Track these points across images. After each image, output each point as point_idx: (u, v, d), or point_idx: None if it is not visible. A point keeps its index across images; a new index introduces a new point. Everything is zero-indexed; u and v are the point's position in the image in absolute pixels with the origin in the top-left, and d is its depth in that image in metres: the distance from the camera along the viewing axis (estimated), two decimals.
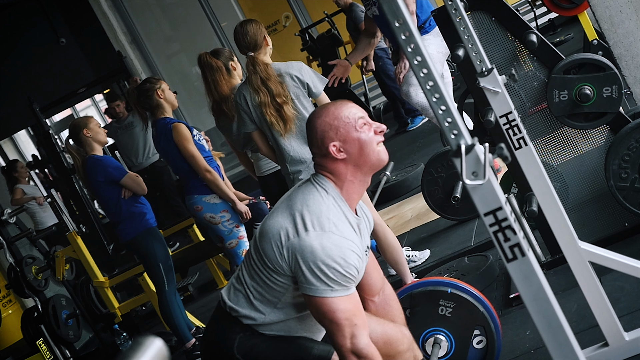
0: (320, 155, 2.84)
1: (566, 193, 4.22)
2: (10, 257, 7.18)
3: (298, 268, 2.69)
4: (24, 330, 7.18)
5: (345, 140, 2.79)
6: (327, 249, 2.66)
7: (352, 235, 2.75)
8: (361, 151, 2.80)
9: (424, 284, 3.58)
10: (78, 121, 6.08)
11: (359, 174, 2.83)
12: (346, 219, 2.78)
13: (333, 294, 2.68)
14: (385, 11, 1.98)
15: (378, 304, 3.14)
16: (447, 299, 3.47)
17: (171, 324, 6.02)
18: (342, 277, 2.68)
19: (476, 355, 3.51)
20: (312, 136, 2.85)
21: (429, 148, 8.17)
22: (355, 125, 2.80)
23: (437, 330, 3.49)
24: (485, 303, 3.47)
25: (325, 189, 2.79)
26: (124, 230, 5.97)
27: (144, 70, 13.42)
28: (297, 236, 2.69)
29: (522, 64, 4.14)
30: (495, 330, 3.47)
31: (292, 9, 13.65)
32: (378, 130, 2.84)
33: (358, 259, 2.74)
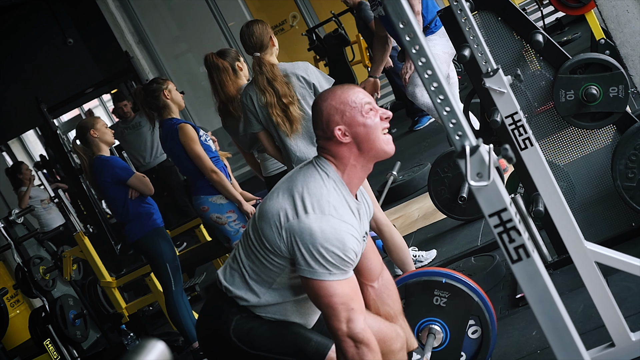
0: (324, 138, 2.83)
1: (573, 193, 4.21)
2: (18, 257, 7.18)
3: (296, 250, 2.69)
4: (32, 330, 7.20)
5: (350, 124, 2.78)
6: (326, 232, 2.66)
7: (351, 219, 2.75)
8: (366, 137, 2.79)
9: (418, 274, 3.57)
10: (85, 122, 6.09)
11: (362, 160, 2.83)
12: (346, 203, 2.77)
13: (331, 278, 2.67)
14: (390, 12, 1.99)
15: (377, 289, 3.12)
16: (442, 289, 3.46)
17: (178, 324, 6.03)
18: (341, 260, 2.68)
19: (471, 345, 3.50)
20: (318, 119, 2.84)
21: (436, 148, 8.16)
22: (361, 110, 2.79)
23: (432, 320, 3.48)
24: (480, 293, 3.45)
25: (326, 172, 2.79)
26: (131, 230, 5.98)
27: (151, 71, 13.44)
28: (297, 218, 2.69)
29: (529, 64, 4.13)
30: (490, 320, 3.45)
31: (299, 9, 13.65)
32: (384, 116, 2.83)
33: (357, 243, 2.73)
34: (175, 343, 6.69)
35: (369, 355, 2.69)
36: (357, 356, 2.69)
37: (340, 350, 2.72)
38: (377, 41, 6.06)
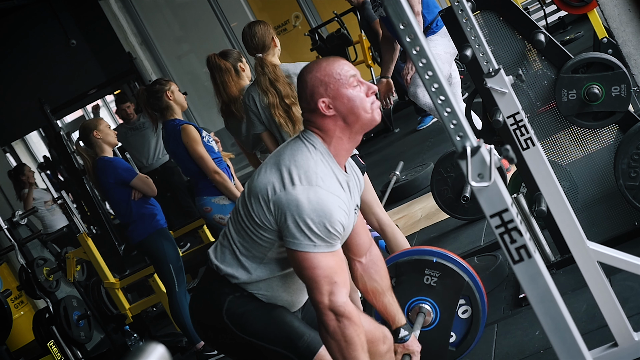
0: (309, 110, 2.82)
1: (575, 192, 4.21)
2: (22, 259, 7.19)
3: (283, 222, 2.67)
4: (36, 331, 7.20)
5: (334, 97, 2.76)
6: (313, 203, 2.64)
7: (339, 191, 2.73)
8: (351, 109, 2.77)
9: (409, 252, 3.56)
10: (88, 123, 6.11)
11: (348, 132, 2.81)
12: (334, 174, 2.76)
13: (316, 250, 2.66)
14: (390, 13, 1.99)
15: (365, 265, 3.11)
16: (433, 268, 3.44)
17: (182, 324, 6.04)
18: (327, 232, 2.66)
19: (461, 324, 3.49)
20: (302, 91, 2.83)
21: (439, 147, 8.16)
22: (346, 83, 2.77)
23: (422, 299, 3.47)
24: (471, 273, 3.44)
25: (313, 145, 2.78)
26: (134, 231, 5.99)
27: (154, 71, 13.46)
28: (284, 190, 2.68)
29: (532, 63, 4.13)
30: (480, 300, 3.44)
31: (301, 9, 13.66)
32: (370, 91, 2.81)
33: (345, 215, 2.71)
34: (179, 344, 6.69)
35: (351, 328, 2.67)
36: (339, 329, 2.66)
37: (322, 324, 2.69)
38: (385, 41, 6.07)
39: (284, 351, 2.85)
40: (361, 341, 2.69)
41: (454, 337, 3.50)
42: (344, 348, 2.67)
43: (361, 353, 2.68)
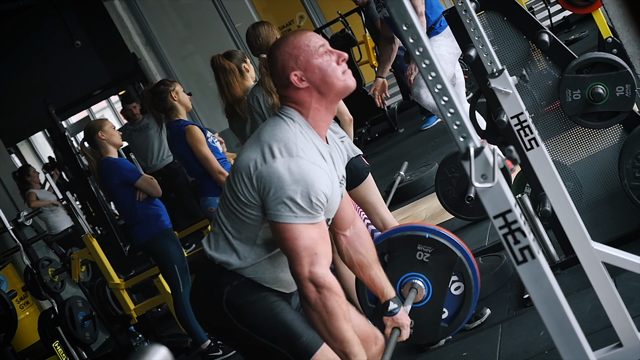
0: (282, 86, 2.81)
1: (580, 192, 4.20)
2: (27, 260, 7.21)
3: (266, 195, 2.66)
4: (41, 332, 7.22)
5: (306, 68, 2.76)
6: (294, 174, 2.64)
7: (321, 161, 2.72)
8: (323, 79, 2.76)
9: (402, 229, 3.54)
10: (93, 124, 6.12)
11: (324, 101, 2.80)
12: (314, 145, 2.75)
13: (297, 221, 2.64)
14: (393, 14, 1.99)
15: (349, 238, 3.10)
16: (425, 244, 3.43)
17: (186, 325, 6.05)
18: (309, 203, 2.64)
19: (453, 301, 3.48)
20: (273, 67, 2.82)
21: (443, 148, 8.15)
22: (315, 53, 2.77)
23: (415, 275, 3.45)
24: (464, 249, 3.43)
25: (291, 118, 2.77)
26: (139, 232, 6.00)
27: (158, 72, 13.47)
28: (265, 164, 2.67)
29: (536, 63, 4.12)
30: (473, 276, 3.43)
31: (306, 9, 13.66)
32: (340, 59, 2.80)
33: (327, 185, 2.70)
34: (184, 344, 6.70)
35: (332, 299, 2.65)
36: (320, 300, 2.64)
37: (303, 296, 2.68)
38: (384, 42, 6.08)
39: (281, 349, 2.83)
40: (343, 311, 2.67)
41: (446, 314, 3.48)
42: (326, 319, 2.65)
43: (344, 323, 2.66)
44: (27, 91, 12.67)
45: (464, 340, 4.26)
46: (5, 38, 12.84)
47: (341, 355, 2.69)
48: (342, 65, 2.80)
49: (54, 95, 11.15)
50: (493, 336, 4.10)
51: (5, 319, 7.41)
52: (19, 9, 12.24)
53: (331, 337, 2.67)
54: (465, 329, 4.34)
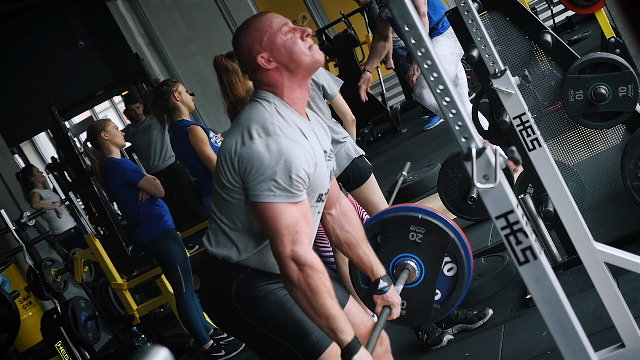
0: (251, 70, 2.80)
1: (582, 193, 4.20)
2: (30, 260, 7.22)
3: (246, 175, 2.64)
4: (44, 332, 7.23)
5: (271, 49, 2.74)
6: (273, 152, 2.61)
7: (300, 138, 2.70)
8: (290, 56, 2.74)
9: (395, 209, 3.54)
10: (96, 124, 6.12)
11: (296, 78, 2.78)
12: (293, 122, 2.73)
13: (277, 200, 2.62)
14: (395, 15, 1.99)
15: (335, 217, 3.08)
16: (418, 225, 3.41)
17: (189, 325, 6.05)
18: (289, 180, 2.61)
19: (446, 282, 3.45)
20: (240, 54, 2.80)
21: (446, 148, 8.15)
22: (278, 32, 2.75)
23: (408, 256, 3.43)
24: (457, 230, 3.41)
25: (266, 100, 2.75)
26: (142, 232, 6.00)
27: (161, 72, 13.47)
28: (244, 146, 2.65)
29: (539, 63, 4.12)
30: (466, 257, 3.41)
31: (308, 10, 13.66)
32: (304, 34, 2.79)
33: (308, 161, 2.67)
34: (187, 345, 6.71)
35: (314, 277, 2.61)
36: (303, 279, 2.61)
37: (285, 276, 2.64)
38: (377, 38, 6.12)
39: (290, 346, 2.82)
40: (327, 288, 2.64)
41: (439, 295, 3.47)
42: (310, 297, 2.62)
43: (328, 299, 2.63)
44: (30, 91, 12.68)
45: (466, 341, 4.26)
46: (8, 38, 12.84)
47: (328, 332, 2.65)
48: (307, 41, 2.79)
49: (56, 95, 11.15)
50: (495, 337, 4.11)
51: (8, 319, 7.43)
52: (22, 10, 12.25)
53: (317, 315, 2.63)
54: (468, 330, 4.35)
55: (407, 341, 4.54)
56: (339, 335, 2.64)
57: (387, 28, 6.01)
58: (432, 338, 4.36)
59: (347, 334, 2.64)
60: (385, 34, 6.03)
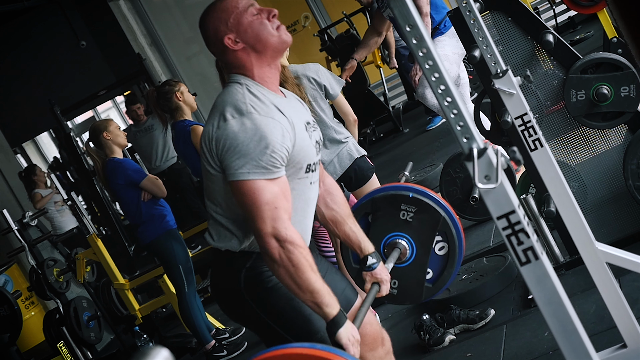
0: (219, 52, 2.79)
1: (584, 193, 4.20)
2: (32, 260, 7.22)
3: (223, 156, 2.63)
4: (46, 332, 7.23)
5: (237, 30, 2.73)
6: (247, 130, 2.60)
7: (275, 114, 2.67)
8: (257, 37, 2.73)
9: (386, 188, 3.52)
10: (98, 124, 6.12)
11: (265, 59, 2.76)
12: (267, 99, 2.71)
13: (254, 177, 2.60)
14: (396, 15, 1.98)
15: (320, 195, 3.05)
16: (409, 204, 3.39)
17: (191, 325, 6.05)
18: (265, 157, 2.59)
19: (437, 261, 3.44)
20: (207, 36, 2.79)
21: (448, 148, 8.15)
22: (244, 12, 2.74)
23: (399, 235, 3.41)
24: (448, 209, 3.40)
25: (237, 82, 2.75)
26: (144, 232, 6.00)
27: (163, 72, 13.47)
28: (219, 128, 2.65)
29: (541, 63, 4.12)
30: (457, 236, 3.40)
31: (311, 10, 13.66)
32: (271, 15, 2.77)
33: (285, 136, 2.64)
34: (189, 344, 6.71)
35: (296, 252, 2.59)
36: (284, 254, 2.59)
37: (267, 254, 2.62)
38: (371, 31, 6.14)
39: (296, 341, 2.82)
40: (309, 262, 2.62)
41: (431, 274, 3.45)
42: (293, 273, 2.59)
43: (311, 274, 2.61)
44: (33, 91, 12.68)
45: (468, 341, 4.26)
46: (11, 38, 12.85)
47: (313, 306, 2.63)
48: (275, 21, 2.77)
49: (59, 95, 11.15)
50: (497, 337, 4.10)
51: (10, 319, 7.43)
52: (25, 10, 12.25)
53: (301, 290, 2.61)
54: (470, 330, 4.35)
55: (409, 341, 4.54)
56: (324, 309, 2.62)
57: (383, 25, 6.03)
58: (434, 338, 4.36)
59: (332, 308, 2.62)
60: (379, 30, 6.06)
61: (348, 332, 2.61)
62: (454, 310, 4.43)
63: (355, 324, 2.69)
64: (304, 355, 2.30)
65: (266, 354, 2.33)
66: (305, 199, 2.82)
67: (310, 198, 2.85)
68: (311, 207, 2.88)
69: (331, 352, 2.32)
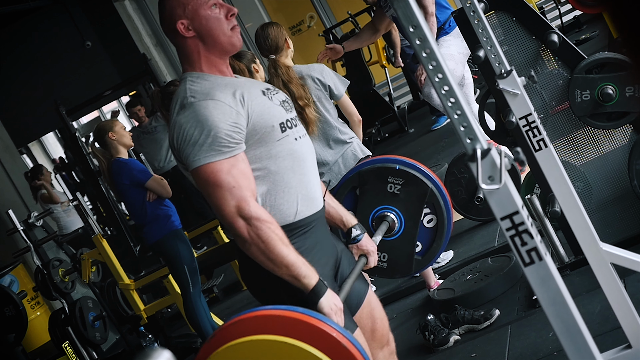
0: (169, 33, 2.79)
1: (589, 193, 4.19)
2: (38, 260, 7.23)
3: (179, 152, 2.64)
4: (52, 332, 7.24)
5: (193, 18, 2.72)
6: (189, 119, 2.59)
7: (216, 93, 2.64)
8: (208, 30, 2.73)
9: (372, 161, 3.49)
10: (103, 124, 6.13)
11: (213, 53, 2.76)
12: (210, 82, 2.70)
13: (207, 160, 2.58)
14: (400, 16, 1.98)
15: None
16: (396, 176, 3.36)
17: (196, 325, 6.05)
18: (216, 139, 2.58)
19: (426, 234, 3.42)
20: (162, 14, 2.79)
21: (453, 148, 8.14)
22: (204, 4, 2.73)
23: (387, 208, 3.38)
24: (435, 180, 3.38)
25: (183, 79, 2.74)
26: (149, 232, 6.00)
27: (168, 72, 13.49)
28: (172, 128, 2.66)
29: (546, 63, 4.12)
30: (445, 207, 3.37)
31: (316, 10, 13.66)
32: (229, 14, 2.77)
33: (231, 113, 2.61)
34: (193, 345, 6.71)
35: (264, 227, 2.57)
36: (253, 232, 2.56)
37: (236, 235, 2.60)
38: (369, 27, 6.13)
39: None
40: (279, 236, 2.59)
41: (420, 247, 3.43)
42: (264, 249, 2.57)
43: (283, 247, 2.57)
44: (38, 92, 12.70)
45: (473, 341, 4.26)
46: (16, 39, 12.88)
47: (292, 280, 2.59)
48: (232, 21, 2.78)
49: (64, 95, 11.17)
50: (502, 337, 4.10)
51: (16, 320, 7.45)
52: (30, 10, 12.28)
53: (276, 266, 2.58)
54: (475, 330, 4.34)
55: (413, 342, 4.54)
56: (302, 280, 2.59)
57: (381, 23, 6.02)
58: (438, 338, 4.36)
59: (311, 278, 2.59)
60: (377, 27, 6.05)
61: (329, 300, 2.58)
62: (459, 310, 4.43)
63: (340, 295, 2.66)
64: (284, 318, 2.29)
65: (248, 314, 2.32)
66: (297, 156, 2.77)
67: (302, 152, 2.80)
68: (308, 162, 2.82)
69: (312, 315, 2.31)
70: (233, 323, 2.33)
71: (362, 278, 3.08)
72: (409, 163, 3.39)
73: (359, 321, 2.93)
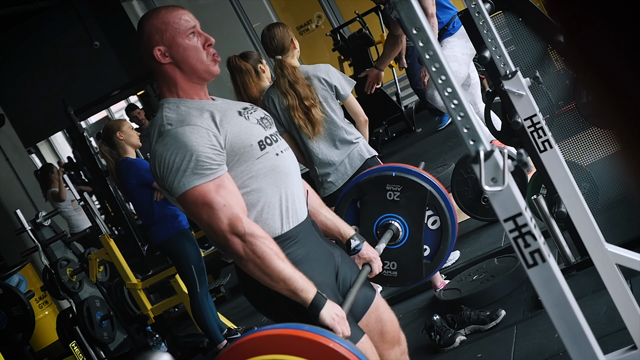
0: (146, 57, 2.79)
1: (596, 194, 4.18)
2: (45, 260, 7.26)
3: (163, 181, 2.64)
4: (60, 331, 7.27)
5: (170, 45, 2.74)
6: (168, 146, 2.60)
7: (192, 118, 2.66)
8: (185, 59, 2.74)
9: (368, 172, 3.49)
10: (111, 124, 6.15)
11: (190, 79, 2.77)
12: (186, 108, 2.71)
13: (190, 185, 2.58)
14: (403, 18, 1.98)
15: None
16: (394, 183, 3.36)
17: (203, 325, 6.07)
18: (196, 164, 2.59)
19: (432, 236, 3.41)
20: (140, 37, 2.79)
21: (460, 148, 8.13)
22: (183, 33, 2.75)
23: (389, 216, 3.37)
24: (433, 182, 3.37)
25: (161, 106, 2.75)
26: (156, 232, 6.02)
27: None
28: (151, 157, 2.67)
29: (552, 63, 4.11)
30: (446, 207, 3.36)
31: (323, 9, 13.66)
32: (206, 43, 2.79)
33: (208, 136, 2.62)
34: (200, 344, 6.72)
35: (258, 243, 2.57)
36: (248, 248, 2.57)
37: (232, 253, 2.61)
38: (390, 38, 6.13)
39: None
40: (274, 251, 2.59)
41: (428, 250, 3.42)
42: (260, 265, 2.57)
43: (278, 262, 2.58)
44: (46, 91, 12.74)
45: (478, 342, 4.26)
46: (24, 39, 12.92)
47: (290, 294, 2.59)
48: (210, 50, 2.79)
49: (72, 95, 11.21)
50: (508, 337, 4.10)
51: (24, 319, 7.47)
52: (38, 10, 12.32)
53: (273, 281, 2.59)
54: (480, 330, 4.34)
55: (419, 342, 4.54)
56: (301, 294, 2.59)
57: (398, 28, 6.03)
58: (444, 339, 4.36)
59: (308, 292, 2.59)
60: (397, 34, 6.05)
61: (330, 312, 2.57)
62: (465, 311, 4.42)
63: (344, 307, 2.66)
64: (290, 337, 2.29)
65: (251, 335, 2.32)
66: (278, 171, 2.77)
67: (285, 167, 2.80)
68: (291, 175, 2.82)
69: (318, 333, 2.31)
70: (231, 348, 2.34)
71: (368, 284, 3.08)
72: (404, 168, 3.39)
73: (367, 326, 2.94)
